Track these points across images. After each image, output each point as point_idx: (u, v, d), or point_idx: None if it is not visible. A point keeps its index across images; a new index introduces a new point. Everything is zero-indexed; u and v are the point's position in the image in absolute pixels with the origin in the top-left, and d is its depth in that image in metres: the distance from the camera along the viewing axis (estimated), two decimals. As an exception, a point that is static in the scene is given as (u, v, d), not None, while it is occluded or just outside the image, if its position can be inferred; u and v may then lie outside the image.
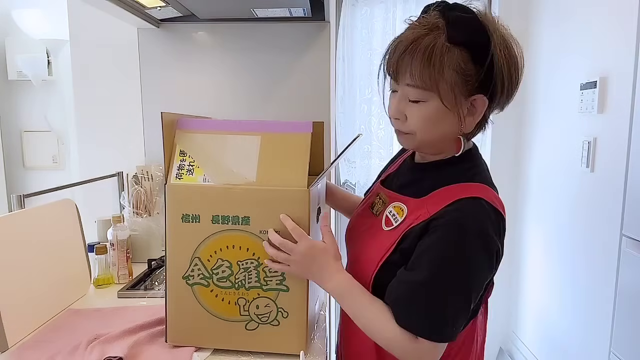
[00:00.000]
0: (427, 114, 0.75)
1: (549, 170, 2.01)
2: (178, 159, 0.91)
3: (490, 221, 0.74)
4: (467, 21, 0.72)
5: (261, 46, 1.77)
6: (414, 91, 0.74)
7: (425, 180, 0.83)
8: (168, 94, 1.82)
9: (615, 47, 1.56)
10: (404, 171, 0.93)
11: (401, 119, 0.78)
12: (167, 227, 0.90)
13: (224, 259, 0.89)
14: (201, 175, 0.89)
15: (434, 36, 0.71)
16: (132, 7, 1.49)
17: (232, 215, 0.88)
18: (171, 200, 0.89)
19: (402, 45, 0.73)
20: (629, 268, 1.48)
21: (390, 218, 0.82)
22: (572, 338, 1.83)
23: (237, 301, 0.91)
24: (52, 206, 1.20)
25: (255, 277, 0.89)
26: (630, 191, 1.47)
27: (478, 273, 0.74)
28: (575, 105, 1.77)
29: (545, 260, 2.05)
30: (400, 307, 0.75)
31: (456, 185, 0.78)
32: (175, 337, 0.94)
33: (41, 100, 2.06)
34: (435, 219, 0.75)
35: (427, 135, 0.78)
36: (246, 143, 0.91)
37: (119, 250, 1.36)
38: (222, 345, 0.94)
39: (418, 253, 0.75)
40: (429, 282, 0.72)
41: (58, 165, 2.13)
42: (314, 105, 1.78)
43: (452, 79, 0.72)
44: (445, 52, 0.71)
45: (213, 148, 0.91)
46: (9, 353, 0.95)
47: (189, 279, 0.91)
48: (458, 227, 0.72)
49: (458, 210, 0.73)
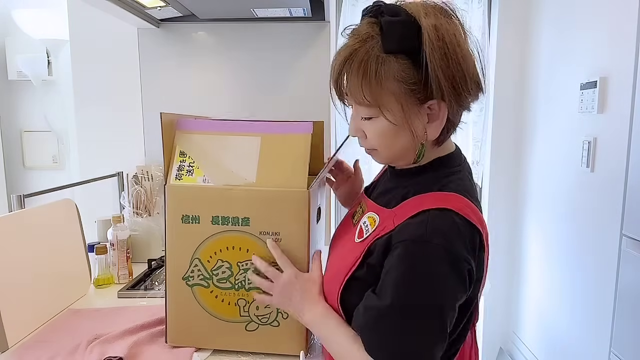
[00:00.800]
0: (380, 129, 0.71)
1: (549, 170, 2.01)
2: (178, 159, 0.91)
3: (458, 235, 0.65)
4: (398, 25, 0.65)
5: (261, 46, 1.77)
6: (362, 109, 0.70)
7: (399, 188, 0.77)
8: (168, 94, 1.82)
9: (615, 47, 1.55)
10: (384, 179, 0.88)
11: (361, 136, 0.75)
12: (166, 228, 0.90)
13: (224, 260, 0.89)
14: (201, 176, 0.89)
15: (366, 48, 0.66)
16: (132, 7, 1.50)
17: (232, 216, 0.88)
18: (171, 201, 0.89)
19: (338, 62, 0.68)
20: (629, 268, 1.48)
21: (363, 229, 0.77)
22: (572, 338, 1.83)
23: (237, 302, 0.91)
24: (52, 206, 1.20)
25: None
26: (630, 191, 1.47)
27: (447, 293, 0.65)
28: (575, 105, 1.77)
29: (545, 260, 2.05)
30: (369, 335, 0.69)
31: (427, 195, 0.70)
32: (175, 338, 0.94)
33: (41, 100, 2.06)
34: (396, 232, 0.68)
35: (389, 150, 0.73)
36: (246, 144, 0.91)
37: (119, 250, 1.36)
38: (222, 346, 0.94)
39: (383, 274, 0.68)
40: (395, 308, 0.65)
41: (58, 165, 2.13)
42: (314, 105, 1.78)
43: (395, 90, 0.66)
44: (381, 64, 0.65)
45: (213, 149, 0.91)
46: (9, 353, 0.95)
47: (188, 279, 0.91)
48: (419, 245, 0.65)
49: (421, 223, 0.66)
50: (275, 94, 1.79)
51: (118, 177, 1.75)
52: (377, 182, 0.93)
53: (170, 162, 0.91)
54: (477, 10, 2.21)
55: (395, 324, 0.65)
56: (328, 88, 0.76)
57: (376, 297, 0.68)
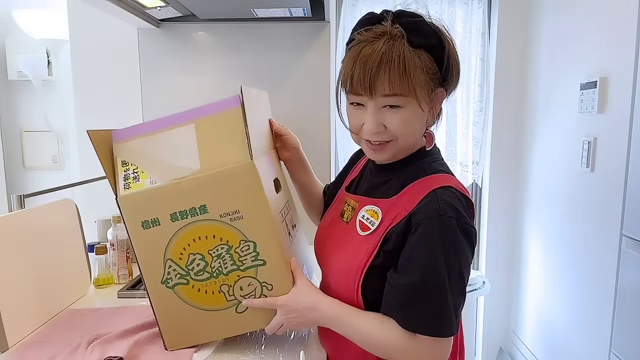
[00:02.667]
0: (405, 117, 0.77)
1: (549, 170, 2.01)
2: (122, 170, 0.90)
3: (463, 207, 0.76)
4: (420, 25, 0.76)
5: (261, 46, 1.77)
6: (393, 99, 0.76)
7: (393, 179, 0.85)
8: (168, 94, 1.82)
9: (615, 47, 1.56)
10: (368, 175, 0.93)
11: (381, 130, 0.79)
12: (131, 239, 0.89)
13: (194, 253, 0.88)
14: (147, 179, 0.88)
15: (399, 45, 0.74)
16: (132, 7, 1.50)
17: (188, 209, 0.86)
18: (127, 211, 0.88)
19: (372, 60, 0.74)
20: (629, 268, 1.48)
21: (365, 222, 0.83)
22: (572, 338, 1.83)
23: (220, 288, 0.90)
24: (52, 206, 1.20)
25: (230, 261, 0.88)
26: (630, 191, 1.47)
27: (465, 258, 0.76)
28: (575, 105, 1.77)
29: (545, 260, 2.05)
30: (404, 311, 0.75)
31: (425, 179, 0.80)
32: (173, 342, 0.94)
33: (41, 100, 2.06)
34: (414, 214, 0.76)
35: (408, 138, 0.81)
36: (181, 135, 0.90)
37: (119, 250, 1.36)
38: (221, 336, 0.94)
39: (407, 253, 0.76)
40: (426, 280, 0.73)
41: (58, 165, 2.13)
42: (314, 106, 1.78)
43: (422, 80, 0.76)
44: (414, 57, 0.75)
45: (151, 150, 0.90)
46: (9, 353, 0.95)
47: (167, 282, 0.90)
48: (438, 219, 0.74)
49: (434, 201, 0.75)
50: (276, 93, 1.79)
51: (118, 177, 1.75)
52: (357, 180, 0.96)
53: (115, 175, 0.90)
54: (477, 10, 2.21)
55: (427, 294, 0.73)
56: (328, 88, 0.77)
57: (403, 275, 0.75)
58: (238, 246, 0.88)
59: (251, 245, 0.88)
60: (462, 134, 2.30)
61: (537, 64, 2.12)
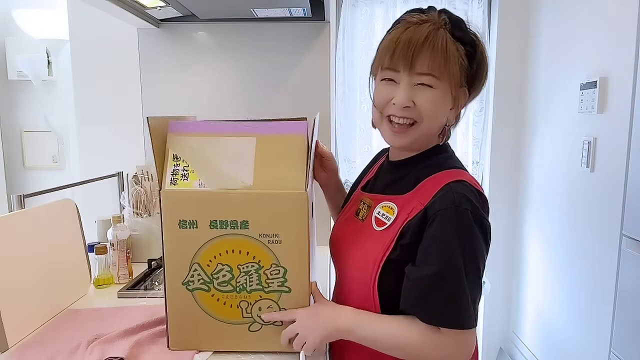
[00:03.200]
0: (435, 97, 0.80)
1: (549, 170, 2.01)
2: (171, 163, 0.89)
3: (477, 200, 0.78)
4: (462, 23, 0.82)
5: (261, 46, 1.77)
6: (427, 78, 0.79)
7: (408, 176, 0.86)
8: (168, 94, 1.82)
9: (615, 47, 1.56)
10: (383, 173, 0.96)
11: (410, 106, 0.81)
12: (164, 234, 0.88)
13: (224, 264, 0.88)
14: (196, 180, 0.88)
15: (443, 32, 0.79)
16: (132, 7, 1.50)
17: (230, 220, 0.87)
18: (167, 207, 0.87)
19: (416, 38, 0.78)
20: (629, 268, 1.48)
21: (381, 218, 0.84)
22: (572, 338, 1.83)
23: (240, 304, 0.90)
24: (52, 206, 1.20)
25: (257, 280, 0.89)
26: (630, 191, 1.47)
27: (480, 251, 0.77)
28: (575, 105, 1.77)
29: (545, 260, 2.05)
30: (424, 304, 0.76)
31: (439, 174, 0.82)
32: (178, 342, 0.94)
33: (41, 100, 2.06)
34: (429, 207, 0.77)
35: (430, 122, 0.82)
36: (241, 145, 0.89)
37: (119, 250, 1.36)
38: (226, 348, 0.94)
39: (424, 246, 0.77)
40: (443, 272, 0.74)
41: (58, 165, 2.13)
42: (314, 106, 1.77)
43: (457, 71, 0.80)
44: (453, 46, 0.79)
45: (207, 151, 0.89)
46: (9, 353, 0.95)
47: (188, 284, 0.90)
48: (454, 210, 0.75)
49: (448, 193, 0.77)
50: (275, 93, 1.79)
51: (118, 177, 1.75)
52: (373, 180, 0.98)
53: (164, 167, 0.89)
54: (477, 10, 2.21)
55: (445, 286, 0.74)
56: (328, 88, 0.77)
57: (420, 268, 0.76)
58: (269, 268, 0.88)
59: (281, 271, 0.88)
60: (462, 134, 2.31)
61: (537, 64, 2.12)
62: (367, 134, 2.32)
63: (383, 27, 2.26)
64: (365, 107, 2.31)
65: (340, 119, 2.31)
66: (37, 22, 1.96)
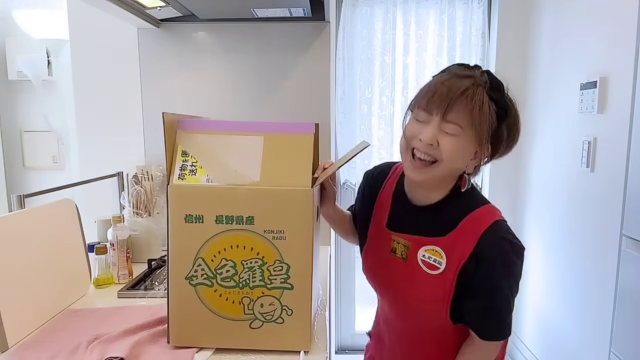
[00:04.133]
0: (458, 144, 0.86)
1: (549, 170, 2.01)
2: (180, 159, 0.91)
3: (511, 233, 0.89)
4: (501, 86, 0.90)
5: (261, 46, 1.77)
6: (454, 127, 0.85)
7: (441, 216, 0.93)
8: (168, 94, 1.82)
9: (615, 47, 1.56)
10: (407, 214, 0.99)
11: (434, 145, 0.86)
12: (169, 228, 0.90)
13: (228, 259, 0.89)
14: (204, 176, 0.89)
15: (481, 90, 0.86)
16: (132, 7, 1.50)
17: (236, 215, 0.88)
18: (174, 201, 0.89)
19: (455, 89, 0.85)
20: (629, 268, 1.48)
21: (431, 262, 0.91)
22: (572, 338, 1.83)
23: (242, 300, 0.91)
24: (52, 206, 1.20)
25: (260, 276, 0.89)
26: (630, 191, 1.47)
27: (519, 276, 0.92)
28: (575, 105, 1.77)
29: (545, 260, 2.05)
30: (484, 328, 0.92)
31: (476, 212, 0.90)
32: (178, 338, 0.94)
33: (41, 100, 2.06)
34: (479, 250, 0.87)
35: (449, 165, 0.88)
36: (249, 143, 0.91)
37: (119, 250, 1.36)
38: (226, 344, 0.94)
39: (479, 282, 0.89)
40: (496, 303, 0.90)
41: (58, 165, 2.13)
42: (314, 106, 1.78)
43: (486, 128, 0.86)
44: (488, 104, 0.86)
45: (216, 148, 0.91)
46: (9, 353, 0.95)
47: (192, 279, 0.91)
48: (499, 251, 0.87)
49: (492, 236, 0.87)
50: (275, 93, 1.79)
51: (118, 177, 1.75)
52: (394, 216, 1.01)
53: (173, 162, 0.91)
54: (477, 10, 2.21)
55: (498, 314, 0.90)
56: (328, 88, 0.77)
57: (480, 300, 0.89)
58: (272, 264, 0.89)
59: (285, 267, 0.89)
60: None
61: (537, 64, 2.12)
62: (367, 134, 2.32)
63: (383, 27, 2.27)
64: (365, 107, 2.31)
65: (340, 119, 2.31)
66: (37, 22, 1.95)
